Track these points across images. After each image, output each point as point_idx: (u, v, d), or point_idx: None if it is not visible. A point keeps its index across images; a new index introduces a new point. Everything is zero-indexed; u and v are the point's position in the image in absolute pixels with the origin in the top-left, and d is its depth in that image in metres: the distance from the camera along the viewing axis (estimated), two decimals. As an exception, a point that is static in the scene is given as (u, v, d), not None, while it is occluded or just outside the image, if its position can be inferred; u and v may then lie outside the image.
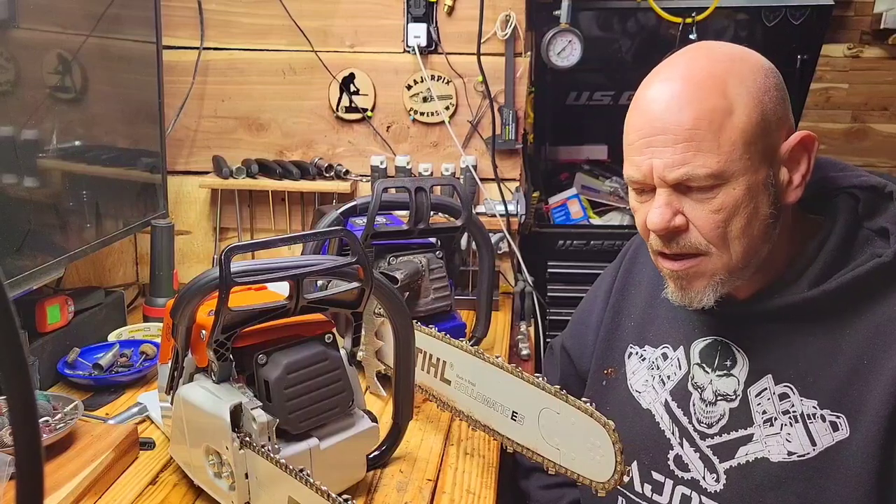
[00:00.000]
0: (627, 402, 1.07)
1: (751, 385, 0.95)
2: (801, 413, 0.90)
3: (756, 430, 0.93)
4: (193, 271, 1.75)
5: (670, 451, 1.01)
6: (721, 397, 0.97)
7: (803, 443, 0.89)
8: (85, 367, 1.33)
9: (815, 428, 0.89)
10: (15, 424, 0.40)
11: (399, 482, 1.05)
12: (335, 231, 1.19)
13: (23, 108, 1.24)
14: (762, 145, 0.86)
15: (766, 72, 0.88)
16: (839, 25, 2.77)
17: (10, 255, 1.18)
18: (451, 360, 1.13)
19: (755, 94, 0.86)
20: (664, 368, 1.04)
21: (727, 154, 0.85)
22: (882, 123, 2.92)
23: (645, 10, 2.23)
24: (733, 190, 0.86)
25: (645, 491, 1.04)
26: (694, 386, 1.00)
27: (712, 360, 0.99)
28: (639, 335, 1.09)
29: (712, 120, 0.85)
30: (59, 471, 0.98)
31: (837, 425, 0.88)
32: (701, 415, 0.98)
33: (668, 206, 0.89)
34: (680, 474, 1.00)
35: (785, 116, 0.89)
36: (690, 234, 0.89)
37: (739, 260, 0.90)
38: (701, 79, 0.87)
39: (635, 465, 1.04)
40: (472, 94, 1.84)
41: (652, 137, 0.88)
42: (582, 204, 2.31)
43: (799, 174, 0.90)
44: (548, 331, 2.13)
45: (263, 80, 1.87)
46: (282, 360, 0.93)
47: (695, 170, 0.85)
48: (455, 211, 1.45)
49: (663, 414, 1.02)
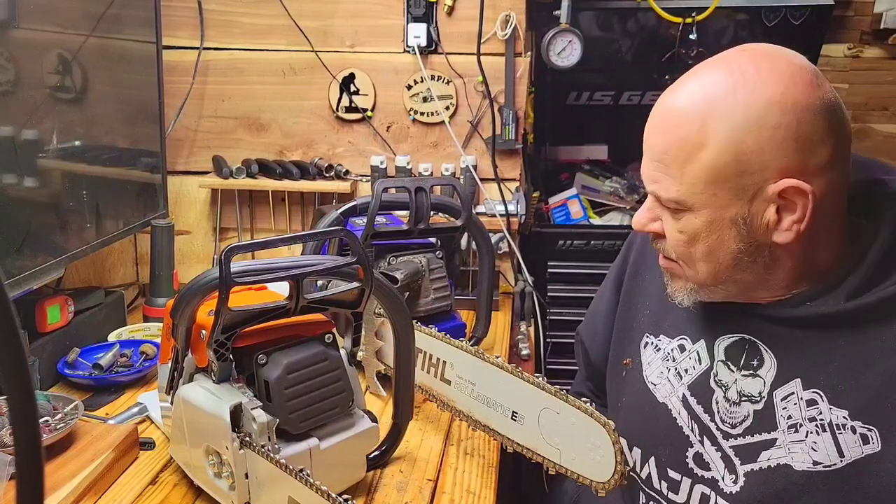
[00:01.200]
0: (644, 395, 1.04)
1: (777, 388, 0.92)
2: (830, 422, 0.87)
3: (780, 434, 0.91)
4: (193, 271, 1.75)
5: (689, 449, 0.98)
6: (745, 398, 0.94)
7: (830, 453, 0.87)
8: (85, 367, 1.33)
9: (845, 439, 0.86)
10: (15, 424, 0.40)
11: (399, 482, 1.05)
12: (335, 231, 1.19)
13: (23, 108, 1.24)
14: (733, 184, 0.84)
15: (771, 108, 0.81)
16: (839, 25, 2.76)
17: (10, 255, 1.18)
18: (451, 360, 1.13)
19: (736, 133, 0.82)
20: (681, 361, 1.01)
21: (688, 185, 0.86)
22: (882, 123, 2.91)
23: (645, 10, 2.23)
24: (695, 219, 0.88)
25: (661, 488, 1.02)
26: (717, 383, 0.97)
27: (738, 359, 0.96)
28: (655, 324, 1.06)
29: (680, 149, 0.86)
30: (59, 471, 0.98)
31: (868, 438, 0.85)
32: (724, 413, 0.95)
33: (650, 211, 0.94)
34: (700, 473, 0.97)
35: (781, 158, 0.82)
36: (666, 241, 0.94)
37: (707, 279, 0.92)
38: (688, 104, 0.86)
39: (652, 460, 1.02)
40: (472, 94, 1.84)
41: (645, 146, 0.92)
42: (582, 204, 2.31)
43: (790, 219, 0.85)
44: (548, 331, 2.13)
45: (263, 80, 1.87)
46: (282, 360, 0.93)
47: (659, 191, 0.90)
48: (455, 211, 1.45)
49: (681, 409, 0.99)
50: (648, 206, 0.94)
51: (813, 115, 0.82)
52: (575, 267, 2.18)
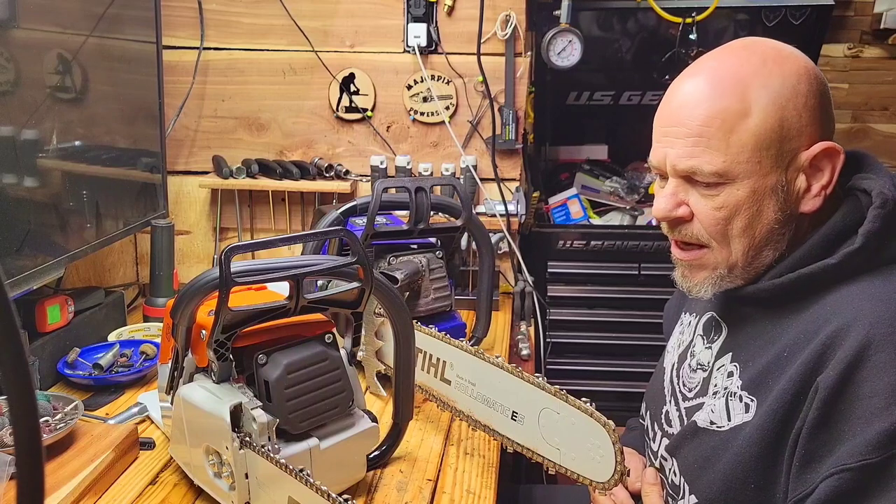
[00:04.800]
0: (661, 360, 1.16)
1: (718, 360, 1.00)
2: (728, 389, 0.95)
3: (707, 399, 0.99)
4: (193, 271, 1.75)
5: (664, 406, 1.08)
6: (700, 367, 1.03)
7: (721, 416, 0.94)
8: (85, 367, 1.33)
9: (733, 405, 0.93)
10: (15, 424, 0.40)
11: (399, 482, 1.05)
12: (335, 231, 1.19)
13: (23, 108, 1.24)
14: (776, 151, 0.87)
15: (801, 77, 0.88)
16: (839, 25, 2.77)
17: (10, 255, 1.18)
18: (451, 360, 1.13)
19: (777, 100, 0.87)
20: (684, 333, 1.11)
21: (734, 155, 0.87)
22: (882, 123, 2.92)
23: (645, 10, 2.23)
24: (737, 191, 0.89)
25: (650, 437, 1.11)
26: (690, 353, 1.06)
27: (709, 333, 1.04)
28: (689, 303, 1.14)
29: (725, 119, 0.87)
30: (59, 471, 0.98)
31: (749, 407, 0.91)
32: (686, 379, 1.05)
33: (674, 196, 0.93)
34: (666, 428, 1.06)
35: (813, 124, 0.88)
36: (693, 225, 0.94)
37: (740, 258, 0.93)
38: (723, 77, 0.89)
39: (648, 413, 1.14)
40: (472, 94, 1.84)
41: (670, 128, 0.92)
42: (582, 204, 2.31)
43: (819, 184, 0.90)
44: (548, 331, 2.13)
45: (263, 80, 1.88)
46: (282, 360, 0.93)
47: (700, 165, 0.89)
48: (455, 211, 1.45)
49: (669, 373, 1.10)
50: (671, 192, 0.93)
51: (824, 87, 0.90)
52: (575, 267, 2.18)
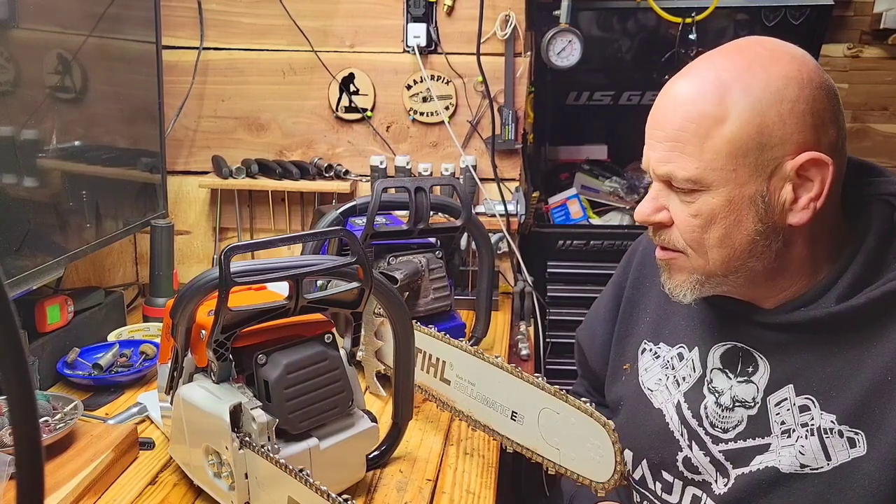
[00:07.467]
0: (638, 400, 1.05)
1: (771, 394, 0.92)
2: (819, 427, 0.88)
3: (773, 440, 0.91)
4: (193, 271, 1.75)
5: (679, 453, 0.99)
6: (739, 403, 0.94)
7: (818, 456, 0.87)
8: (85, 367, 1.33)
9: (832, 443, 0.87)
10: (15, 424, 0.40)
11: (399, 482, 1.05)
12: (335, 231, 1.19)
13: (23, 108, 1.24)
14: (754, 159, 0.83)
15: (789, 81, 0.83)
16: (839, 25, 2.76)
17: (10, 255, 1.18)
18: (451, 360, 1.13)
19: (756, 105, 0.82)
20: (680, 369, 1.02)
21: (708, 162, 0.84)
22: (882, 123, 2.91)
23: (645, 10, 2.23)
24: (712, 199, 0.86)
25: (655, 489, 1.03)
26: (710, 390, 0.97)
27: (735, 366, 0.96)
28: (654, 332, 1.07)
29: (700, 124, 0.84)
30: (59, 471, 0.98)
31: (855, 442, 0.85)
32: (715, 419, 0.96)
33: (655, 201, 0.91)
34: (690, 476, 0.98)
35: (802, 132, 0.83)
36: (672, 231, 0.91)
37: (717, 267, 0.89)
38: (706, 80, 0.86)
39: (645, 462, 1.03)
40: (472, 94, 1.84)
41: (653, 130, 0.90)
42: (582, 204, 2.31)
43: (807, 196, 0.85)
44: (547, 331, 2.13)
45: (263, 80, 1.87)
46: (281, 360, 0.93)
47: (675, 171, 0.86)
48: (455, 211, 1.45)
49: (674, 415, 1.00)
50: (653, 196, 0.91)
51: (824, 93, 0.84)
52: (574, 267, 2.18)
